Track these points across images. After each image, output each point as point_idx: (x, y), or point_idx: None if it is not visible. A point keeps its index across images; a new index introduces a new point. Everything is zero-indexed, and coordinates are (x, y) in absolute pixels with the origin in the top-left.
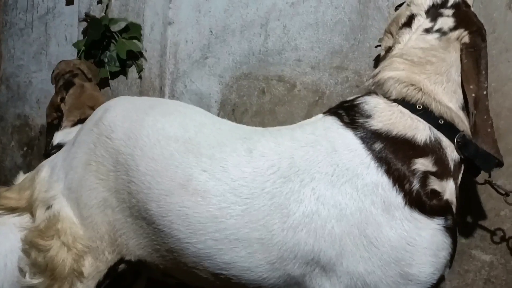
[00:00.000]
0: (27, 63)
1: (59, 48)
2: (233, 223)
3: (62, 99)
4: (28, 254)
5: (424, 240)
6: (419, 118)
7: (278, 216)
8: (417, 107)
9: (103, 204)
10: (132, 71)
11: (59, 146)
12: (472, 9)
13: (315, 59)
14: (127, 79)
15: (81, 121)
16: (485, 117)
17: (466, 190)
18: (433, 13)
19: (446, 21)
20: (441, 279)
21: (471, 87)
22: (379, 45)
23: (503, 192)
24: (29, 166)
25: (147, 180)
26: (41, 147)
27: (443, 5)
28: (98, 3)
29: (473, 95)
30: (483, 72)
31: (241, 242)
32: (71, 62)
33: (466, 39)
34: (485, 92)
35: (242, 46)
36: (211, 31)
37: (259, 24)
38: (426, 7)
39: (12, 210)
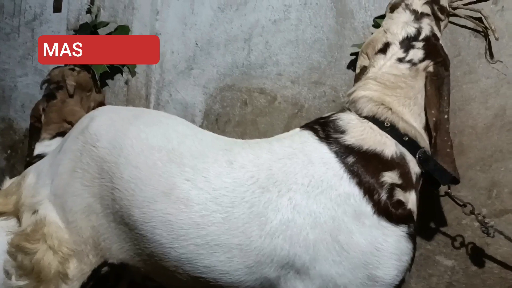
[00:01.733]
0: (13, 67)
1: None
2: (214, 229)
3: (43, 110)
4: (14, 257)
5: (390, 245)
6: (387, 135)
7: (257, 223)
8: (385, 124)
9: (88, 209)
10: (119, 79)
11: (40, 157)
12: (440, 40)
13: (295, 74)
14: (113, 80)
15: (60, 134)
16: (445, 138)
17: (432, 201)
18: (406, 44)
19: (416, 53)
20: (403, 281)
21: (432, 111)
22: (354, 53)
23: (461, 203)
24: (13, 169)
25: (131, 188)
26: (25, 150)
27: (416, 38)
28: (87, 13)
29: (434, 119)
30: (445, 98)
31: (221, 247)
32: (62, 72)
33: (431, 68)
34: (446, 116)
35: (226, 59)
36: (196, 44)
37: (243, 38)
38: (400, 38)
39: None
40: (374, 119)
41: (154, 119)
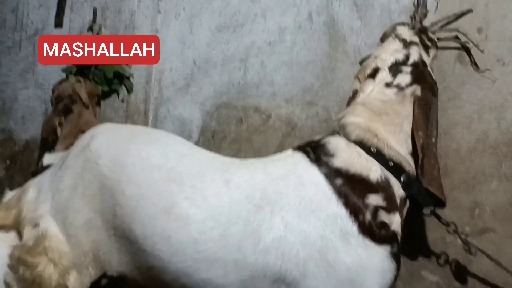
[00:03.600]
0: (14, 80)
1: (46, 68)
2: (211, 246)
3: (60, 124)
4: (15, 270)
5: (373, 264)
6: (373, 160)
7: (251, 241)
8: (371, 149)
9: (88, 224)
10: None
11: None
12: (428, 67)
13: (289, 94)
14: (119, 98)
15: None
16: (432, 161)
17: (419, 219)
18: (395, 69)
19: (404, 77)
20: None
21: (420, 134)
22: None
23: (445, 223)
24: (11, 179)
25: (133, 205)
26: (24, 162)
27: (404, 63)
28: (88, 30)
29: (421, 141)
30: (433, 123)
31: (218, 262)
32: (72, 85)
33: (418, 92)
34: (433, 140)
35: (223, 77)
36: (194, 62)
37: (239, 59)
38: (389, 64)
39: None
40: (361, 144)
41: (153, 138)
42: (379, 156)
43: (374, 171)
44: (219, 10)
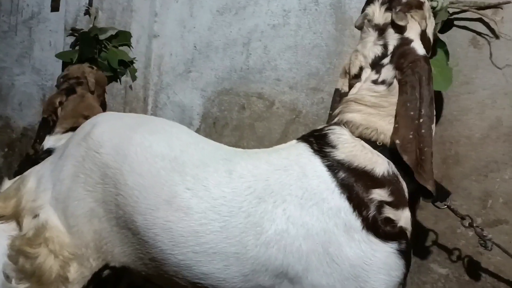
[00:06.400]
0: (10, 66)
1: (43, 53)
2: (212, 238)
3: (61, 103)
4: (15, 260)
5: (378, 260)
6: (379, 154)
7: (253, 233)
8: (377, 143)
9: (90, 214)
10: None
11: (49, 152)
12: (414, 42)
13: (293, 80)
14: (120, 84)
15: (73, 129)
16: (421, 145)
17: (426, 210)
18: (377, 66)
19: (388, 71)
20: None
21: (400, 125)
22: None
23: (460, 216)
24: (10, 167)
25: (135, 195)
26: (22, 149)
27: (384, 55)
28: (85, 14)
29: (398, 141)
30: (423, 99)
31: (219, 255)
32: (82, 68)
33: (399, 76)
34: (426, 119)
35: (225, 62)
36: (195, 47)
37: (242, 43)
38: (370, 61)
39: None
40: (365, 140)
41: (157, 127)
42: (385, 149)
43: (380, 164)
44: None
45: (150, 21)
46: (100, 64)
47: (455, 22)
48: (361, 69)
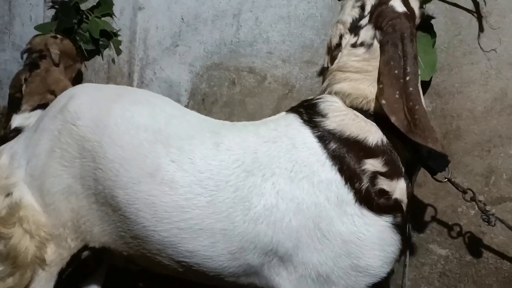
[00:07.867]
0: None
1: (24, 28)
2: (198, 213)
3: (25, 80)
4: None
5: (372, 235)
6: (373, 123)
7: (241, 208)
8: (370, 112)
9: (67, 191)
10: (99, 55)
11: (17, 130)
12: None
13: (286, 53)
14: (102, 59)
15: (41, 106)
16: (411, 104)
17: (425, 187)
18: (354, 28)
19: (366, 32)
20: (391, 272)
21: (385, 84)
22: None
23: (461, 190)
24: None
25: (115, 168)
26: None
27: (361, 16)
28: None
29: (384, 101)
30: (408, 57)
31: (205, 232)
32: (44, 40)
33: (380, 36)
34: (412, 77)
35: (214, 35)
36: (182, 19)
37: (232, 14)
38: (348, 25)
39: None
40: (357, 109)
41: (140, 98)
42: (378, 118)
43: (373, 133)
44: None
45: None
46: (81, 36)
47: None
48: (341, 37)
